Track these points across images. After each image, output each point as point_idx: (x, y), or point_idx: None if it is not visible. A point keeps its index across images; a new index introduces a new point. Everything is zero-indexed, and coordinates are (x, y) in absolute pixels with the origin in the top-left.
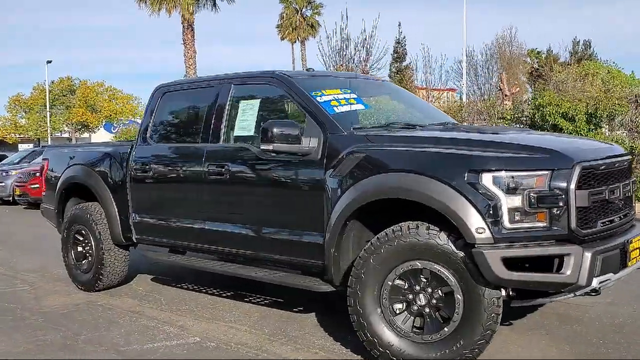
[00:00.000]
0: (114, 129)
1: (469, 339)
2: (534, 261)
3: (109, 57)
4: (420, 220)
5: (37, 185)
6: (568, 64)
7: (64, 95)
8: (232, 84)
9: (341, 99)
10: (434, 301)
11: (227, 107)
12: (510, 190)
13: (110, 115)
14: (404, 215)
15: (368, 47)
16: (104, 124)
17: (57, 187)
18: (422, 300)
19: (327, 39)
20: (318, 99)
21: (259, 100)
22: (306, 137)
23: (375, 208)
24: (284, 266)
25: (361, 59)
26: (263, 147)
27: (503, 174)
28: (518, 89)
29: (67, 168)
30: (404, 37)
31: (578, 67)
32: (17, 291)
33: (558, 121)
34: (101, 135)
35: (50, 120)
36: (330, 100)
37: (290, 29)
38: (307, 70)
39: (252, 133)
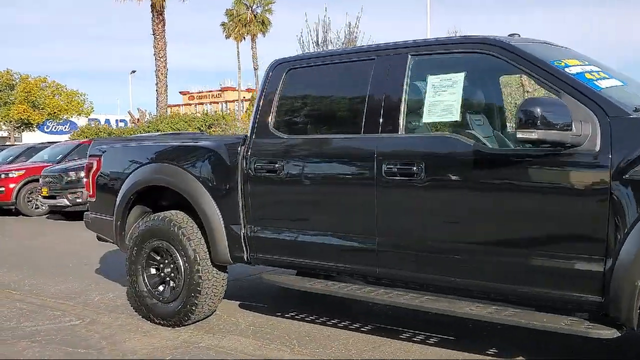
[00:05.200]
0: (47, 129)
1: None
2: None
3: (57, 54)
4: None
5: (3, 189)
6: None
7: (1, 91)
8: (408, 54)
9: (593, 72)
10: None
11: (405, 85)
12: None
13: (54, 112)
14: None
15: (352, 38)
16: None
17: (123, 192)
18: None
19: (308, 31)
20: (567, 70)
21: (464, 74)
22: (576, 122)
23: None
24: (518, 299)
25: None
26: (522, 135)
27: None
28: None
29: (139, 167)
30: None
31: None
32: (70, 328)
33: None
34: (37, 136)
35: None
36: (584, 73)
37: (240, 25)
38: (510, 35)
39: (456, 118)
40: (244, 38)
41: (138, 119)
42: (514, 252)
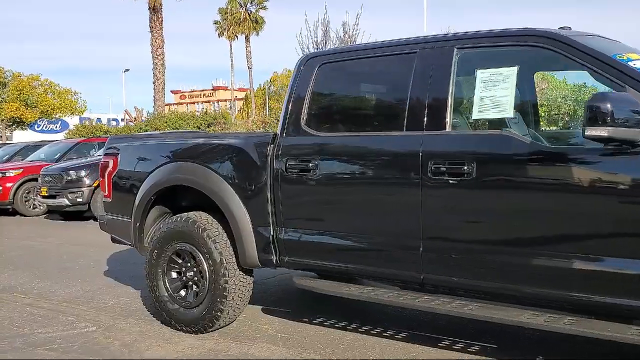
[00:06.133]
0: (37, 128)
1: None
2: None
3: (48, 52)
4: None
5: (0, 188)
6: None
7: None
8: (454, 47)
9: None
10: None
11: (451, 80)
12: None
13: (48, 110)
14: None
15: (352, 39)
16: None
17: (143, 192)
18: None
19: (308, 30)
20: (631, 64)
21: (517, 68)
22: None
23: None
24: (576, 307)
25: None
26: (590, 133)
27: None
28: (547, 84)
29: (160, 166)
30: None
31: None
32: (87, 334)
33: None
34: (28, 134)
35: None
36: None
37: (235, 24)
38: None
39: (510, 115)
40: (237, 37)
41: (135, 118)
42: (574, 256)
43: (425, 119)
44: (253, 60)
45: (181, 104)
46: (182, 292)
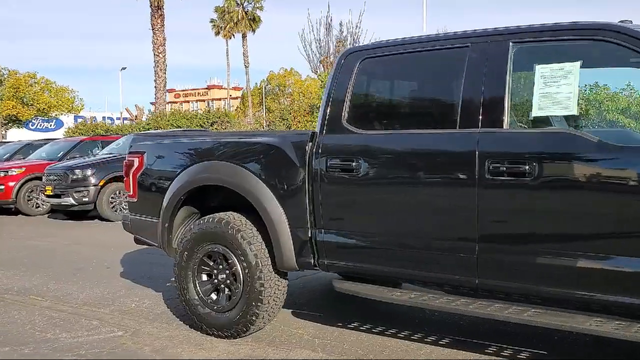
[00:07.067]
0: (32, 126)
1: None
2: None
3: (43, 51)
4: None
5: (2, 187)
6: None
7: None
8: (509, 42)
9: None
10: None
11: (508, 75)
12: None
13: (44, 108)
14: None
15: (356, 37)
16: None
17: (172, 192)
18: None
19: (310, 28)
20: None
21: (579, 63)
22: None
23: None
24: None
25: None
26: None
27: None
28: None
29: (190, 165)
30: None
31: None
32: (114, 340)
33: (618, 118)
34: (23, 133)
35: None
36: None
37: (232, 23)
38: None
39: (573, 112)
40: (234, 36)
41: (136, 116)
42: None
43: (480, 116)
44: (249, 59)
45: (175, 102)
46: (213, 296)
